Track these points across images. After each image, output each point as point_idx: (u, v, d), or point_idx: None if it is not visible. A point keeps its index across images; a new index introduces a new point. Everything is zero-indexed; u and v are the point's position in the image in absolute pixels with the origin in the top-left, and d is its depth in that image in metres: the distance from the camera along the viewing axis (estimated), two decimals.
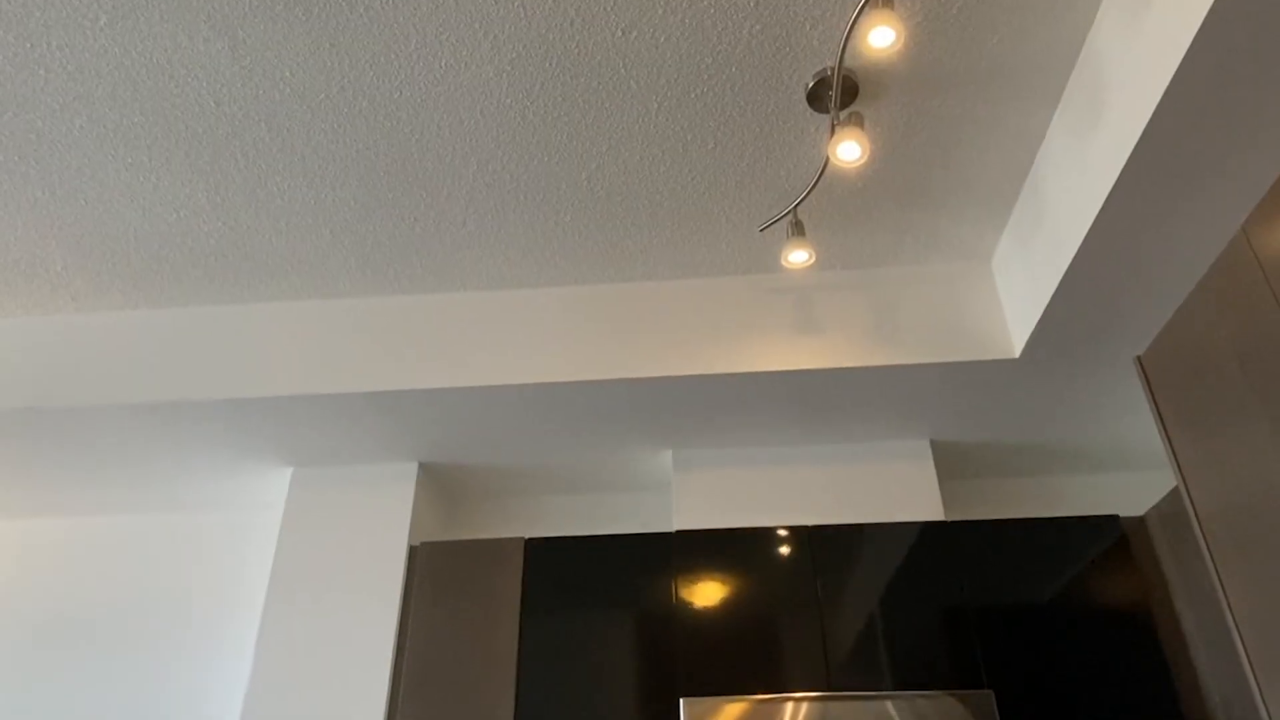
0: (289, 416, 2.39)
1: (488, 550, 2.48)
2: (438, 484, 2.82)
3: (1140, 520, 2.39)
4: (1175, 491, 2.26)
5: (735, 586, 2.37)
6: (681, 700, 2.16)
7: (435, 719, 2.25)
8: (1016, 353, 2.22)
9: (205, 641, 2.68)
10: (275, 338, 2.39)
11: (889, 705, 2.11)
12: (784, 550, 2.42)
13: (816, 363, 2.26)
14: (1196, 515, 1.66)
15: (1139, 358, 1.73)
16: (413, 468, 2.62)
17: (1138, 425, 2.59)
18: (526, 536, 2.49)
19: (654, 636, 2.32)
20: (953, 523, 2.41)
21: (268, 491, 2.79)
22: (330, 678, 2.34)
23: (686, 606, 2.36)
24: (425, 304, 2.42)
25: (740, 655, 2.28)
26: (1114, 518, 2.39)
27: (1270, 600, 1.39)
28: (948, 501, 2.86)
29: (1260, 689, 1.47)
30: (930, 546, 2.38)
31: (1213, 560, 1.61)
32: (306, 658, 2.37)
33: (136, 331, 2.41)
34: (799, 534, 2.43)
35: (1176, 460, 1.75)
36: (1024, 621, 2.26)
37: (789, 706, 2.13)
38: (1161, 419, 1.77)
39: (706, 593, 2.37)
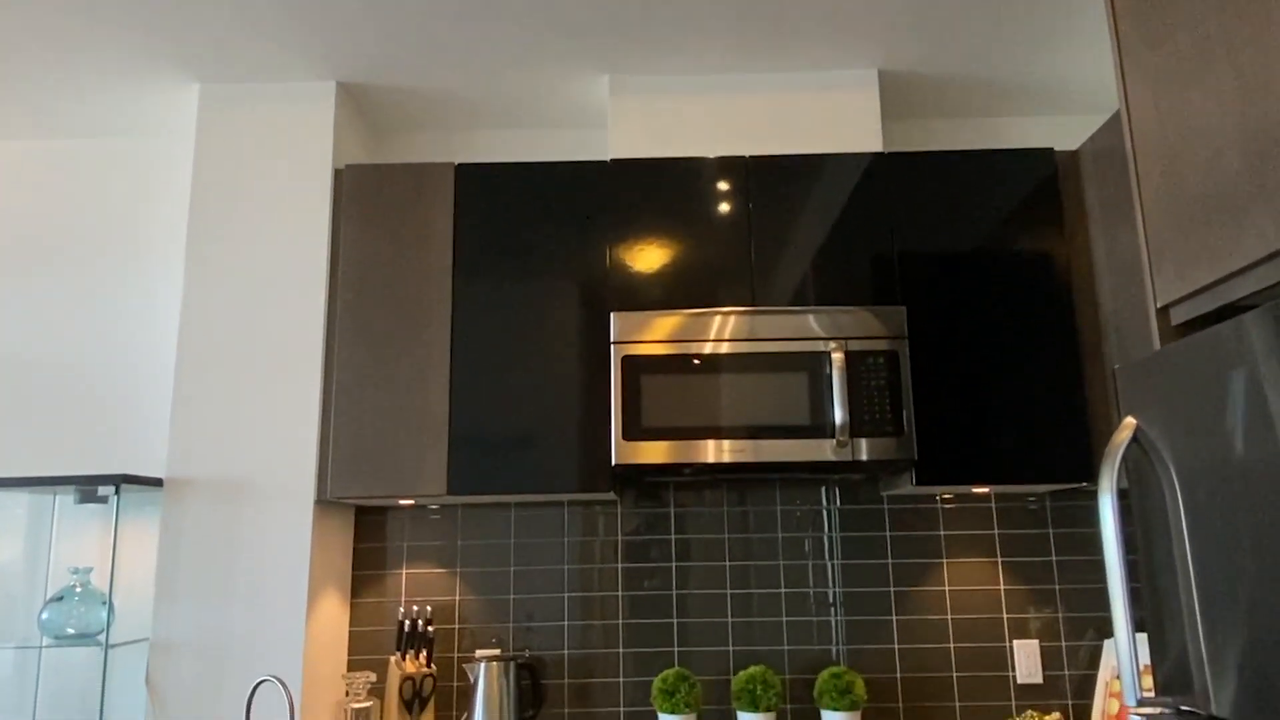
0: (170, 7, 2.15)
1: (417, 175, 2.41)
2: (360, 109, 2.67)
3: (1074, 154, 2.40)
4: (1113, 124, 2.24)
5: (668, 215, 2.38)
6: (612, 314, 2.25)
7: (373, 337, 2.33)
8: None
9: (133, 270, 2.65)
10: None
11: (809, 318, 2.23)
12: (719, 179, 2.40)
13: None
14: (1132, 140, 1.65)
15: None
16: (330, 87, 2.46)
17: (1094, 58, 2.51)
18: (456, 162, 2.42)
19: (586, 261, 2.36)
20: (890, 154, 2.39)
21: (178, 112, 2.62)
22: (264, 300, 2.36)
23: (619, 234, 2.37)
24: None
25: (671, 278, 2.35)
26: (1049, 151, 2.39)
27: (1184, 221, 1.42)
28: (889, 142, 2.83)
29: (1154, 288, 1.55)
30: (865, 179, 2.38)
31: (1138, 186, 1.63)
32: (237, 281, 2.37)
33: None
34: (734, 164, 2.40)
35: (1123, 77, 1.70)
36: (946, 254, 2.34)
37: (716, 319, 2.24)
38: (1115, 23, 1.70)
39: (639, 221, 2.38)
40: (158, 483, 2.28)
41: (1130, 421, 1.36)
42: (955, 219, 2.36)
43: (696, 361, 2.21)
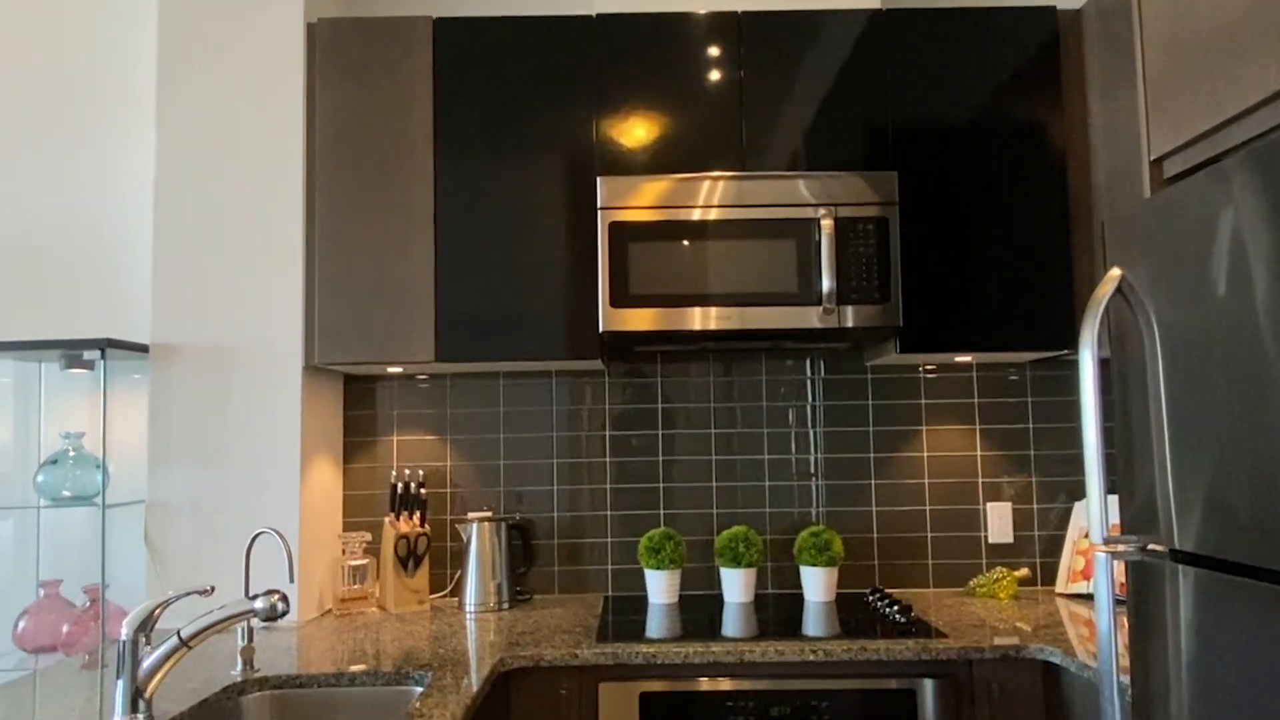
0: None
1: (393, 29, 2.30)
2: None
3: (1077, 13, 2.31)
4: None
5: (657, 74, 2.30)
6: (598, 179, 2.20)
7: (355, 201, 2.27)
8: None
9: (104, 130, 2.56)
10: None
11: (799, 183, 2.19)
12: (709, 36, 2.31)
13: None
14: (1139, 5, 1.58)
15: None
16: None
17: None
18: (435, 16, 2.31)
19: (572, 123, 2.30)
20: (887, 11, 2.30)
21: None
22: (241, 161, 2.29)
23: (605, 95, 2.30)
24: None
25: (659, 141, 2.29)
26: (1051, 9, 2.30)
27: (1185, 70, 1.38)
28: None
29: (1149, 141, 1.52)
30: (861, 38, 2.29)
31: (1141, 35, 1.57)
32: (211, 142, 2.30)
33: None
34: (726, 19, 2.31)
35: None
36: (942, 117, 2.29)
37: (705, 184, 2.20)
38: None
39: (626, 80, 2.30)
40: (143, 348, 2.27)
41: (1115, 273, 1.37)
42: (952, 81, 2.29)
43: (685, 241, 2.18)
